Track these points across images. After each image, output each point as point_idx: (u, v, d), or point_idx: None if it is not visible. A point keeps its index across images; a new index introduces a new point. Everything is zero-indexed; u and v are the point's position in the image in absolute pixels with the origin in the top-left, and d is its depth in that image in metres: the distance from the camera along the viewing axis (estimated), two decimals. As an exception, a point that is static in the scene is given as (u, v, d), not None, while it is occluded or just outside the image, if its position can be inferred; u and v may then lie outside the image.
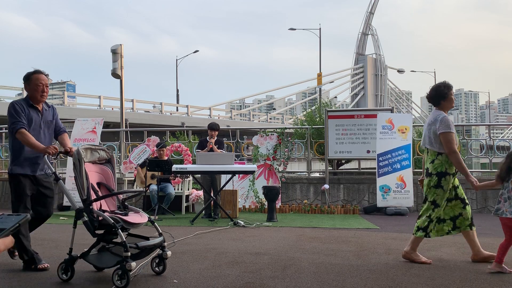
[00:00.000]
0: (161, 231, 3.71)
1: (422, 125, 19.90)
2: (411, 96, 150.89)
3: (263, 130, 9.31)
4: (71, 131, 9.52)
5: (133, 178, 8.56)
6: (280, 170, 8.90)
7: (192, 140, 9.97)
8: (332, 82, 70.50)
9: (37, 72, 3.93)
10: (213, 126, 7.72)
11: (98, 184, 3.78)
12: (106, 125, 12.11)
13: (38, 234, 5.85)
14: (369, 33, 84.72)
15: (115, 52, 10.37)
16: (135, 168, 8.53)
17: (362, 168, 10.15)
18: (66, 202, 8.87)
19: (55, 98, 37.12)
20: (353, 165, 12.15)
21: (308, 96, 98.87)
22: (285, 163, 8.99)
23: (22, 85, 4.13)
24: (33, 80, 3.89)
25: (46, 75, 3.98)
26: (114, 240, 3.54)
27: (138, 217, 3.61)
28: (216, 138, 7.73)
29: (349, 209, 8.18)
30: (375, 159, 8.29)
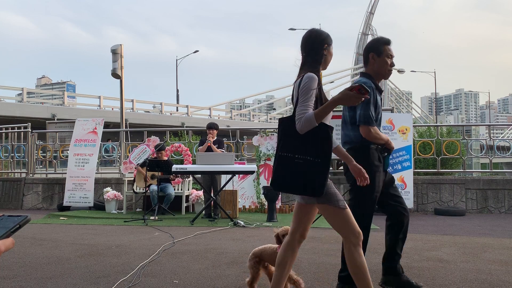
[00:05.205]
0: None
1: (422, 125, 19.89)
2: (411, 96, 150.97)
3: (263, 130, 9.31)
4: (72, 131, 9.54)
5: (133, 178, 8.55)
6: None
7: (192, 140, 9.97)
8: (332, 82, 70.46)
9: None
10: (211, 125, 7.72)
11: None
12: (106, 125, 12.13)
13: (38, 234, 5.87)
14: (369, 33, 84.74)
15: (115, 52, 10.37)
16: (135, 168, 8.52)
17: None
18: (66, 202, 8.87)
19: (55, 98, 37.15)
20: (353, 165, 12.14)
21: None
22: None
23: (22, 85, 3.92)
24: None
25: None
26: None
27: None
28: (216, 137, 7.74)
29: (349, 209, 8.18)
30: (375, 159, 8.28)
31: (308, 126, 2.35)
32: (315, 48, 2.54)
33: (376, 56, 3.10)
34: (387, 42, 3.13)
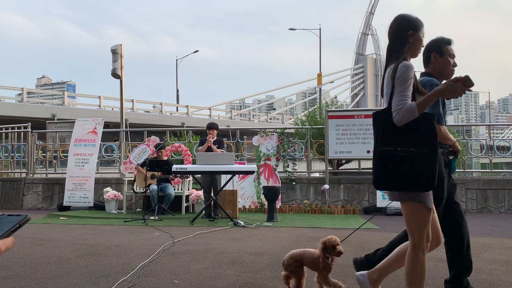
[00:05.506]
0: None
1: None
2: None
3: (263, 130, 9.31)
4: (72, 131, 9.54)
5: (133, 178, 8.55)
6: (289, 170, 8.97)
7: (192, 140, 9.97)
8: (332, 82, 70.59)
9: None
10: (211, 125, 7.73)
11: None
12: (106, 125, 12.12)
13: (38, 234, 5.87)
14: (369, 33, 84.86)
15: (115, 52, 10.38)
16: (135, 168, 8.52)
17: (362, 168, 10.15)
18: (66, 202, 8.88)
19: (55, 98, 37.18)
20: (353, 165, 12.14)
21: (308, 96, 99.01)
22: (294, 163, 9.02)
23: (22, 85, 3.90)
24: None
25: None
26: None
27: None
28: (216, 137, 7.74)
29: (349, 209, 8.18)
30: (375, 159, 8.28)
31: (409, 117, 2.21)
32: (399, 35, 2.41)
33: (438, 56, 3.00)
34: (448, 42, 3.03)
